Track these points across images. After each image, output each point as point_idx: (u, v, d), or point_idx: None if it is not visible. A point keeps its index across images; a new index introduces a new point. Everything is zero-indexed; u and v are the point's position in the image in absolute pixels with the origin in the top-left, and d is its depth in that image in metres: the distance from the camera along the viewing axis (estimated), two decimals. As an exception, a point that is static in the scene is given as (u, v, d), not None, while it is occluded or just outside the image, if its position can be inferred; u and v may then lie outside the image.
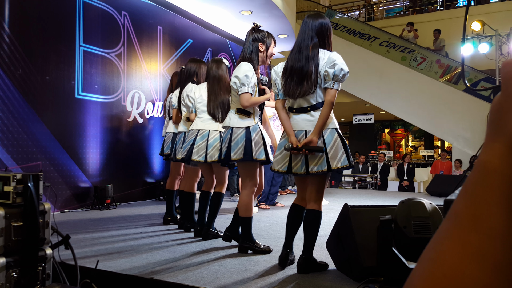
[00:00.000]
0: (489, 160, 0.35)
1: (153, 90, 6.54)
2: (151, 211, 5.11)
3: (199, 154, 3.43)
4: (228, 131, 2.96)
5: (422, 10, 13.50)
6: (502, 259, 0.32)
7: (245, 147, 2.84)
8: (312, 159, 2.40)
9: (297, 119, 2.49)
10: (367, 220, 2.27)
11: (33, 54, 4.71)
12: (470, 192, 0.35)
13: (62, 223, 4.07)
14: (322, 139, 2.41)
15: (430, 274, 0.34)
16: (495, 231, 0.33)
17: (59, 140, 4.96)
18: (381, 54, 10.89)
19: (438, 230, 0.36)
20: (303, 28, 2.52)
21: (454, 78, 9.99)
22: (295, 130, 2.48)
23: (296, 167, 2.46)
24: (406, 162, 10.11)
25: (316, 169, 2.39)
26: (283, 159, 2.51)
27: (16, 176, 1.88)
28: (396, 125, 18.52)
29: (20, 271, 1.84)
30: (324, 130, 2.42)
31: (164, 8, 6.77)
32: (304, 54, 2.45)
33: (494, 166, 0.35)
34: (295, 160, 2.46)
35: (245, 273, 2.43)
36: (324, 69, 2.41)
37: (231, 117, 2.97)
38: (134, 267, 2.52)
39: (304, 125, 2.46)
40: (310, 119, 2.45)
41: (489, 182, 0.34)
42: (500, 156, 0.35)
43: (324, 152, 2.38)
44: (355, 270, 2.27)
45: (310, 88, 2.42)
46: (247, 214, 2.91)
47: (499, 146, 0.35)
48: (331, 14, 12.08)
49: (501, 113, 0.36)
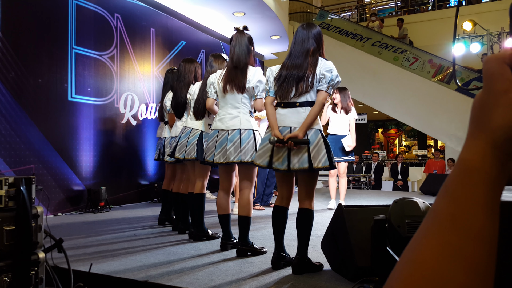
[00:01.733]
0: (470, 158, 0.35)
1: (146, 92, 6.52)
2: (145, 214, 5.09)
3: (181, 152, 3.47)
4: (249, 132, 2.89)
5: (414, 11, 13.59)
6: (482, 259, 0.32)
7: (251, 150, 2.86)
8: (295, 156, 2.43)
9: (284, 115, 2.53)
10: (361, 220, 2.28)
11: (26, 57, 4.67)
12: (451, 191, 0.35)
13: (55, 227, 4.04)
14: (306, 137, 2.44)
15: (409, 275, 0.33)
16: (475, 232, 0.33)
17: (52, 143, 4.93)
18: (374, 55, 10.94)
19: (418, 230, 0.36)
20: (302, 35, 2.58)
21: (447, 78, 10.06)
22: (281, 126, 2.51)
23: (277, 162, 2.48)
24: (399, 162, 10.16)
25: (297, 166, 2.42)
26: (265, 153, 2.54)
27: (8, 180, 1.86)
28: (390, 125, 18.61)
29: (13, 275, 1.82)
30: (309, 130, 2.46)
31: (157, 10, 6.75)
32: (305, 59, 2.52)
33: (475, 165, 0.34)
34: (277, 156, 2.48)
35: (240, 275, 2.42)
36: (321, 72, 2.48)
37: (250, 120, 2.92)
38: (128, 270, 2.50)
39: (290, 121, 2.50)
40: (297, 116, 2.49)
41: (469, 181, 0.34)
42: (481, 154, 0.34)
43: (307, 147, 2.42)
44: (349, 270, 2.27)
45: (305, 90, 2.48)
46: (247, 213, 2.88)
47: (480, 143, 0.35)
48: (324, 15, 12.12)
49: (482, 110, 0.35)
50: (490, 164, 0.34)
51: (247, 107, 2.95)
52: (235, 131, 2.89)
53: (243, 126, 2.90)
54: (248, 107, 2.95)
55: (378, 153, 11.63)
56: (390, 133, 18.84)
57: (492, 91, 0.35)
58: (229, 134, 2.90)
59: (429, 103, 10.15)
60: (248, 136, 2.87)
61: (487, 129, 0.34)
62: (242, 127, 2.89)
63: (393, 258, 1.93)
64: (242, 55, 2.95)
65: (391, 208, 2.01)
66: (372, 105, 11.19)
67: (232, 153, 2.85)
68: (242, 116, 2.92)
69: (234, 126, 2.90)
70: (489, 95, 0.35)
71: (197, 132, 3.45)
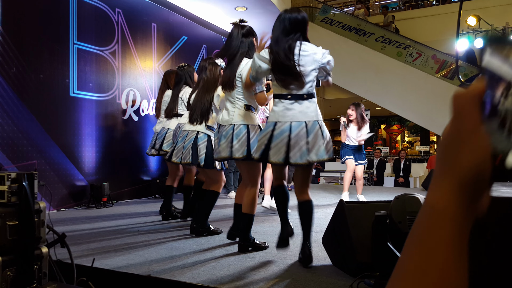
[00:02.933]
0: (436, 199, 0.33)
1: (148, 88, 6.52)
2: (148, 209, 5.11)
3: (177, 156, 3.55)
4: (243, 127, 2.86)
5: (418, 5, 13.51)
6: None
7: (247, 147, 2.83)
8: (294, 150, 2.43)
9: (293, 109, 2.49)
10: (362, 216, 2.28)
11: (27, 53, 4.67)
12: (418, 236, 0.33)
13: (58, 222, 4.07)
14: (306, 129, 2.45)
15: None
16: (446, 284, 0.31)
17: (54, 139, 4.94)
18: (377, 50, 10.88)
19: (390, 278, 0.34)
20: (284, 19, 2.60)
21: (450, 74, 10.01)
22: (293, 122, 2.47)
23: (275, 156, 2.48)
24: (402, 158, 10.14)
25: (295, 160, 2.44)
26: (260, 147, 2.57)
27: (10, 175, 1.87)
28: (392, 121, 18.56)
29: (16, 270, 1.84)
30: (308, 121, 2.47)
31: (158, 5, 6.74)
32: (283, 45, 2.50)
33: (441, 206, 0.33)
34: (273, 149, 2.48)
35: (242, 270, 2.43)
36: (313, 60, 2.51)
37: (243, 115, 2.87)
38: (130, 265, 2.52)
39: (302, 116, 2.47)
40: (306, 110, 2.48)
41: (437, 226, 0.32)
42: (447, 195, 0.33)
43: (307, 145, 2.44)
44: (350, 265, 2.28)
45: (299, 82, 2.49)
46: (251, 211, 2.88)
47: (447, 184, 0.33)
48: (327, 9, 12.05)
49: (450, 149, 0.34)
50: (456, 205, 0.33)
51: (242, 101, 2.89)
52: (229, 126, 2.88)
53: (235, 121, 2.87)
54: (243, 101, 2.89)
55: (381, 149, 11.61)
56: (393, 129, 18.80)
57: (460, 129, 0.34)
58: (225, 129, 2.89)
59: (432, 99, 10.10)
60: (240, 133, 2.83)
61: (454, 169, 0.33)
62: (235, 122, 2.87)
63: (393, 254, 1.93)
64: (235, 49, 2.92)
65: (392, 204, 2.01)
66: (375, 101, 11.15)
67: (224, 148, 2.86)
68: (236, 110, 2.89)
69: (228, 122, 2.89)
70: (457, 133, 0.34)
71: (193, 135, 3.44)
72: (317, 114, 2.51)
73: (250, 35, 2.97)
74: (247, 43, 2.95)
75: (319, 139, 2.45)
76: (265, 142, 2.53)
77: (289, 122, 2.47)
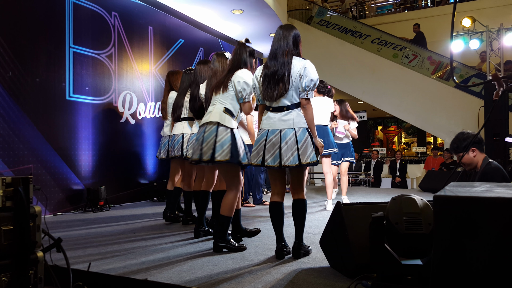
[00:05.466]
0: None
1: (145, 91, 6.51)
2: (145, 212, 5.09)
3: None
4: (213, 127, 2.93)
5: (413, 7, 13.57)
6: None
7: (231, 150, 2.89)
8: (285, 154, 2.64)
9: (273, 119, 2.72)
10: (359, 217, 2.28)
11: (23, 56, 4.66)
12: None
13: (54, 226, 4.05)
14: (295, 137, 2.65)
15: None
16: None
17: (50, 143, 4.93)
18: (373, 52, 10.92)
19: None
20: (279, 35, 2.75)
21: (446, 75, 10.05)
22: (270, 129, 2.71)
23: (269, 160, 2.68)
24: (398, 159, 10.17)
25: (288, 162, 2.63)
26: (258, 154, 2.75)
27: (5, 180, 1.86)
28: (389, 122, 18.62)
29: (12, 275, 1.83)
30: (297, 128, 2.67)
31: (155, 8, 6.74)
32: (281, 58, 2.68)
33: None
34: (268, 154, 2.69)
35: (240, 273, 2.43)
36: (300, 73, 2.65)
37: (221, 114, 2.95)
38: (127, 269, 2.51)
39: (279, 124, 2.69)
40: (285, 119, 2.69)
41: None
42: None
43: (296, 145, 2.64)
44: (348, 267, 2.28)
45: (284, 91, 2.65)
46: (230, 214, 2.97)
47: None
48: (323, 12, 12.09)
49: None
50: None
51: (223, 104, 2.98)
52: (212, 125, 2.96)
53: (211, 119, 2.96)
54: (224, 104, 2.97)
55: (378, 151, 11.64)
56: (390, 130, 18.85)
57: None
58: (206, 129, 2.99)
59: (429, 100, 10.14)
60: (210, 135, 2.92)
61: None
62: (210, 120, 2.96)
63: (391, 255, 1.93)
64: (237, 63, 3.02)
65: (389, 205, 2.01)
66: (372, 102, 11.18)
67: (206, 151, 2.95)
68: (214, 109, 2.99)
69: (205, 120, 3.01)
70: None
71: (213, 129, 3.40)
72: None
73: (252, 56, 3.10)
74: (250, 63, 3.06)
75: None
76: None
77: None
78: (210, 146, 2.90)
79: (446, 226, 1.44)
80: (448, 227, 1.43)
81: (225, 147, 2.88)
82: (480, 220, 1.39)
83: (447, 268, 1.43)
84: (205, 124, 3.01)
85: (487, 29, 8.74)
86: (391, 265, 1.93)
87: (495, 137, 7.01)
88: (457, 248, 1.42)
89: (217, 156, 2.87)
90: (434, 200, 1.47)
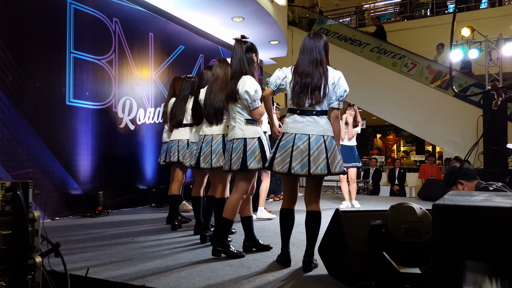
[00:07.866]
0: None
1: (145, 97, 6.53)
2: (143, 218, 5.08)
3: (206, 162, 3.36)
4: (240, 141, 2.98)
5: (413, 16, 13.67)
6: None
7: (261, 157, 2.95)
8: (314, 162, 2.58)
9: (302, 123, 2.66)
10: (358, 225, 2.28)
11: (23, 61, 4.67)
12: None
13: (53, 231, 4.03)
14: (324, 144, 2.62)
15: None
16: None
17: (49, 147, 4.92)
18: (372, 60, 10.98)
19: None
20: (310, 45, 2.71)
21: (445, 84, 10.10)
22: (298, 134, 2.63)
23: (297, 168, 2.59)
24: (397, 167, 10.17)
25: (318, 171, 2.57)
26: (283, 161, 2.64)
27: (5, 184, 1.86)
28: (388, 130, 18.65)
29: (9, 280, 1.82)
30: (326, 136, 2.64)
31: (156, 15, 6.77)
32: (315, 68, 2.66)
33: None
34: (295, 162, 2.60)
35: (238, 280, 2.42)
36: (334, 82, 2.68)
37: (243, 129, 2.98)
38: (125, 275, 2.50)
39: (309, 130, 2.64)
40: (315, 125, 2.64)
41: None
42: None
43: (326, 155, 2.60)
44: (347, 275, 2.27)
45: (320, 101, 2.65)
46: (231, 217, 2.96)
47: None
48: (323, 20, 12.17)
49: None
50: None
51: (243, 116, 3.01)
52: (231, 141, 3.05)
53: (236, 136, 3.00)
54: (244, 116, 3.01)
55: (376, 159, 11.64)
56: (389, 138, 18.87)
57: None
58: (233, 143, 3.02)
59: (427, 109, 10.18)
60: (238, 146, 2.97)
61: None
62: (236, 137, 3.01)
63: (389, 263, 1.93)
64: (237, 65, 3.05)
65: (388, 213, 2.01)
66: (371, 110, 11.21)
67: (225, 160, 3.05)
68: (237, 125, 3.02)
69: (231, 137, 3.06)
70: None
71: (219, 138, 3.35)
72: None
73: (251, 51, 3.10)
74: (248, 59, 3.06)
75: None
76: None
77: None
78: (240, 155, 2.94)
79: (445, 234, 1.44)
80: (447, 236, 1.43)
81: (256, 154, 2.94)
82: (479, 229, 1.39)
83: (446, 277, 1.43)
84: (232, 139, 3.04)
85: (486, 39, 8.80)
86: (389, 273, 1.93)
87: (494, 146, 7.03)
88: (456, 257, 1.42)
89: (249, 164, 2.91)
90: (433, 208, 1.48)
